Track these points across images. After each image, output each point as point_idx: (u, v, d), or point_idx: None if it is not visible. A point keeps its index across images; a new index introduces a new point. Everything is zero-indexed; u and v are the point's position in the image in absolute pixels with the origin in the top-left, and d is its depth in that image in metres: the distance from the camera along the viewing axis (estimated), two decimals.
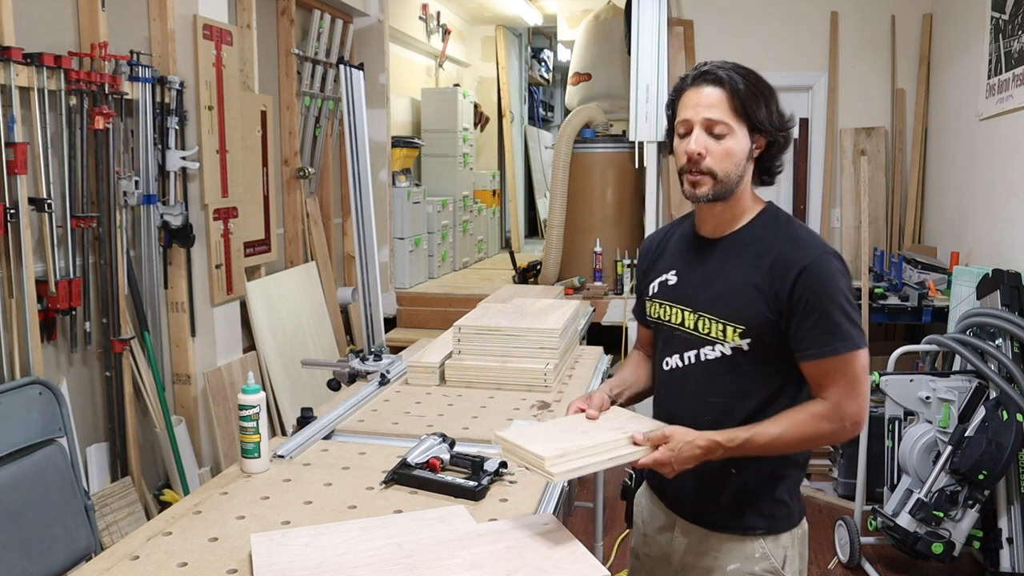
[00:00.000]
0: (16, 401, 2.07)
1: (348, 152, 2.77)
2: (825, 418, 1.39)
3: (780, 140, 1.46)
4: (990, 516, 2.87)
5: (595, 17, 5.47)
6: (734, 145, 1.41)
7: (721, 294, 1.46)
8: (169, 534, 1.44)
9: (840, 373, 1.38)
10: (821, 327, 1.38)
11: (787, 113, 1.47)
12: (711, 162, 1.42)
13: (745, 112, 1.41)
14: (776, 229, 1.46)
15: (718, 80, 1.43)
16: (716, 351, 1.46)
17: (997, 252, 3.55)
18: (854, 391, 1.39)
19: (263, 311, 3.62)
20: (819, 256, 1.40)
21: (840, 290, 1.39)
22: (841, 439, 1.44)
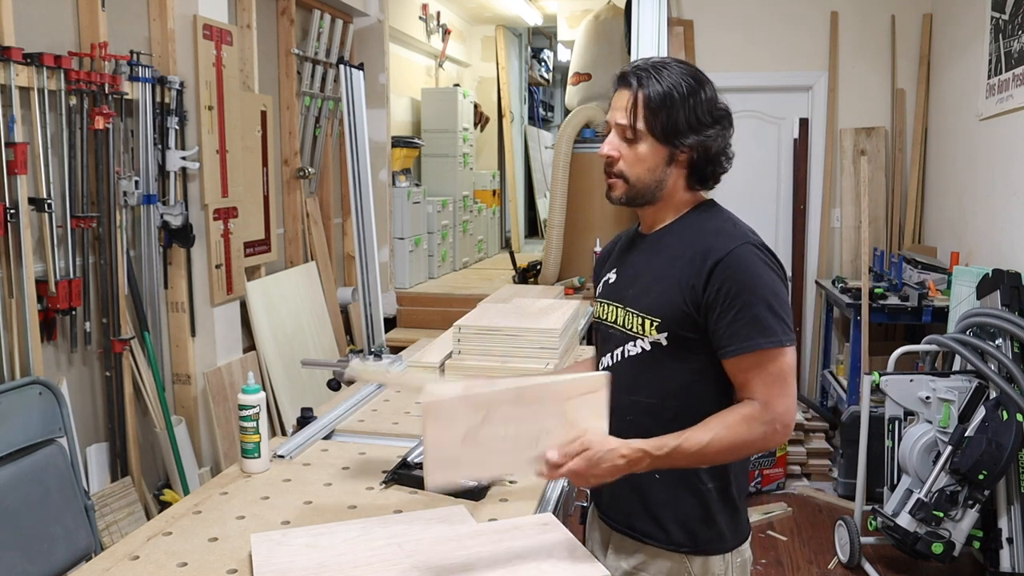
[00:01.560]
0: (16, 401, 2.07)
1: (348, 152, 2.77)
2: (756, 419, 1.29)
3: (701, 148, 1.36)
4: (990, 516, 2.87)
5: (595, 17, 5.46)
6: (645, 150, 1.36)
7: (644, 287, 1.41)
8: (169, 534, 1.44)
9: (764, 371, 1.30)
10: (742, 321, 1.30)
11: (717, 113, 1.38)
12: (622, 166, 1.38)
13: (655, 119, 1.34)
14: (703, 221, 1.40)
15: (629, 83, 1.37)
16: (637, 347, 1.41)
17: (997, 252, 3.55)
18: (780, 390, 1.30)
19: (263, 311, 3.62)
20: (738, 246, 1.32)
21: (763, 282, 1.31)
22: (772, 444, 1.33)
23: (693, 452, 1.28)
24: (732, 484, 1.42)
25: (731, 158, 1.41)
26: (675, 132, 1.35)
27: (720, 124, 1.38)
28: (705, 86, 1.37)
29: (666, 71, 1.36)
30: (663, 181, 1.38)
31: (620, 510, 1.48)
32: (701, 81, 1.38)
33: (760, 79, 4.67)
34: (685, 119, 1.34)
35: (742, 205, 4.71)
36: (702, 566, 1.40)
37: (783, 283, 1.35)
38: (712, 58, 4.69)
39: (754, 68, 4.66)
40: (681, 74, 1.36)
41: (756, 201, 4.77)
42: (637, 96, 1.35)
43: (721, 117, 1.38)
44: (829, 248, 4.70)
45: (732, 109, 1.41)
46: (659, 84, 1.35)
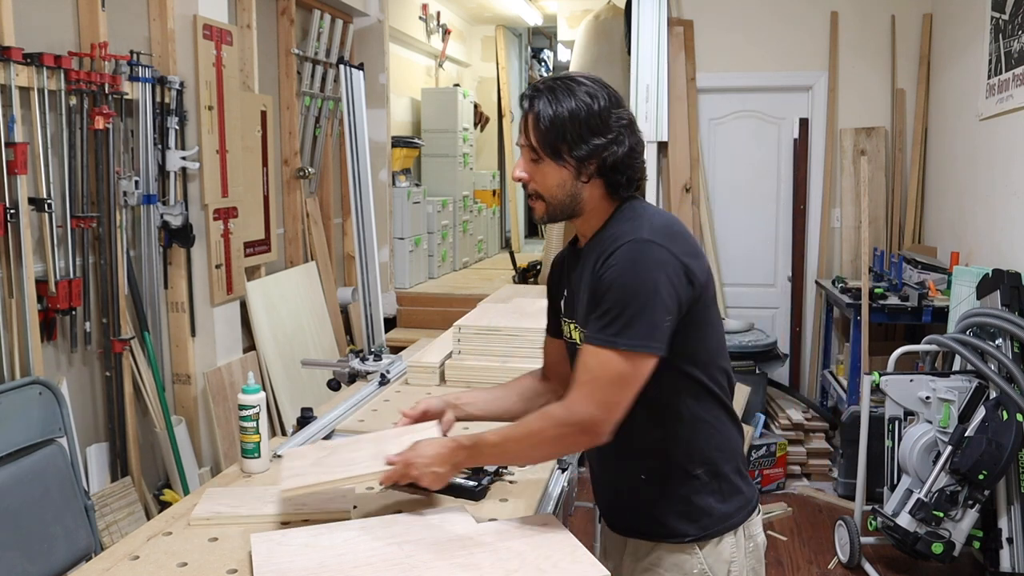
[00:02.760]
0: (16, 401, 2.07)
1: (348, 152, 2.77)
2: (552, 418, 1.30)
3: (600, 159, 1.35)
4: (990, 516, 2.87)
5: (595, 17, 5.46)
6: (549, 169, 1.37)
7: (580, 300, 1.40)
8: (169, 534, 1.44)
9: (585, 367, 1.28)
10: (598, 312, 1.29)
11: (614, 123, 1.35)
12: (535, 185, 1.39)
13: (546, 137, 1.35)
14: (616, 225, 1.38)
15: (523, 107, 1.39)
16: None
17: (997, 252, 3.55)
18: (593, 395, 1.26)
19: (263, 311, 3.62)
20: (627, 243, 1.30)
21: (634, 279, 1.26)
22: (574, 447, 1.33)
23: (494, 443, 1.34)
24: (721, 464, 1.41)
25: (642, 162, 1.41)
26: (568, 148, 1.34)
27: (617, 133, 1.35)
28: (598, 97, 1.35)
29: (560, 89, 1.35)
30: (577, 195, 1.38)
31: (622, 518, 1.50)
32: (594, 94, 1.35)
33: (760, 79, 4.66)
34: (576, 134, 1.33)
35: (742, 205, 4.75)
36: (712, 551, 1.40)
37: (672, 286, 1.27)
38: (712, 58, 4.69)
39: (754, 68, 4.66)
40: (574, 89, 1.35)
41: (756, 201, 4.77)
42: (529, 117, 1.37)
43: (618, 126, 1.36)
44: (829, 248, 4.70)
45: (732, 109, 1.42)
46: (548, 104, 1.34)
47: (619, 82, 5.23)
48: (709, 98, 4.72)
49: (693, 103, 4.67)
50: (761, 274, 4.81)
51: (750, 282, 4.82)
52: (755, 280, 4.83)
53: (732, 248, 4.78)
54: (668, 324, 1.28)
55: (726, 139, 4.76)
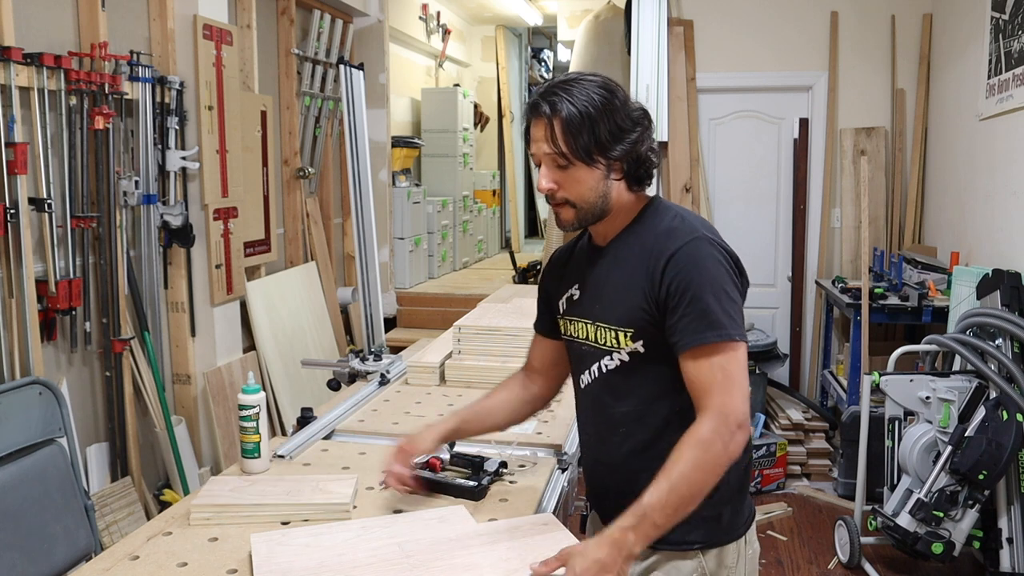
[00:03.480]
0: (16, 401, 2.07)
1: (348, 152, 2.77)
2: (710, 434, 1.24)
3: (631, 153, 1.36)
4: (990, 516, 2.87)
5: (595, 17, 5.46)
6: (581, 173, 1.34)
7: (610, 300, 1.40)
8: (169, 534, 1.44)
9: (714, 366, 1.28)
10: (691, 315, 1.29)
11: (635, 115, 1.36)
12: (565, 192, 1.36)
13: (578, 141, 1.32)
14: (654, 223, 1.40)
15: (542, 113, 1.34)
16: (615, 360, 1.40)
17: (997, 252, 3.55)
18: (730, 387, 1.27)
19: (263, 311, 3.62)
20: (688, 242, 1.33)
21: (711, 276, 1.30)
22: (734, 451, 1.26)
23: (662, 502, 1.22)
24: (735, 473, 1.38)
25: (657, 152, 1.42)
26: (601, 148, 1.33)
27: (640, 125, 1.37)
28: (616, 93, 1.35)
29: (576, 88, 1.33)
30: (607, 195, 1.37)
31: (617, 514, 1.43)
32: (611, 89, 1.35)
33: (760, 79, 4.66)
34: (608, 132, 1.33)
35: (742, 205, 4.75)
36: (716, 558, 1.40)
37: (734, 277, 1.34)
38: (712, 58, 4.69)
39: (754, 68, 4.66)
40: (590, 88, 1.34)
41: (756, 201, 4.77)
42: (554, 123, 1.33)
43: (639, 118, 1.37)
44: (829, 248, 4.70)
45: (732, 109, 1.41)
46: (572, 105, 1.32)
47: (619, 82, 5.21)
48: (709, 98, 4.72)
49: (693, 103, 4.67)
50: (761, 274, 4.81)
51: (750, 282, 4.81)
52: (755, 280, 4.79)
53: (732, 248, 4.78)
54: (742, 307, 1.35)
55: (726, 139, 4.76)
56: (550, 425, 2.00)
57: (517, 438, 1.87)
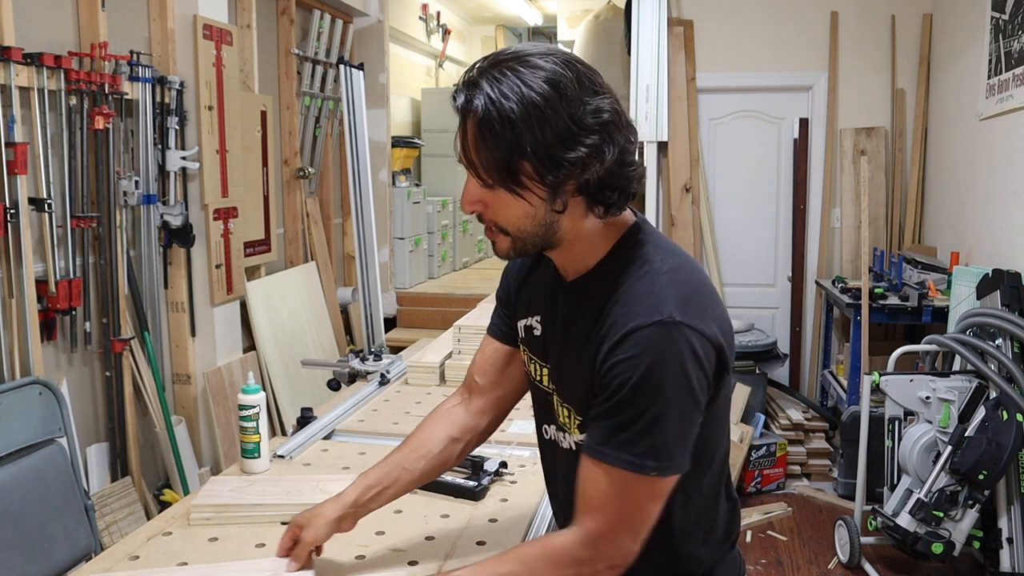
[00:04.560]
0: (16, 401, 2.07)
1: (348, 152, 2.77)
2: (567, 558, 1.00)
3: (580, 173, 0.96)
4: (990, 516, 2.87)
5: (595, 17, 5.46)
6: (508, 198, 0.99)
7: (564, 368, 1.10)
8: (169, 534, 1.44)
9: (609, 492, 0.98)
10: (609, 420, 0.98)
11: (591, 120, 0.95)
12: (494, 216, 1.02)
13: (491, 160, 0.97)
14: (622, 273, 1.03)
15: (464, 109, 0.99)
16: (567, 441, 1.13)
17: (997, 252, 3.55)
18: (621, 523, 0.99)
19: (263, 311, 3.62)
20: (647, 326, 0.96)
21: (659, 382, 0.95)
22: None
23: None
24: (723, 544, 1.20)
25: (636, 167, 1.01)
26: (531, 169, 0.95)
27: (599, 133, 0.96)
28: (564, 88, 0.94)
29: (510, 77, 0.94)
30: (552, 224, 1.01)
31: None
32: (558, 82, 0.94)
33: (760, 79, 4.66)
34: (539, 148, 0.94)
35: (742, 205, 4.75)
36: None
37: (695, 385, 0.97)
38: (712, 58, 4.69)
39: (754, 68, 4.66)
40: (530, 78, 0.94)
41: (756, 201, 4.77)
42: (467, 124, 0.98)
43: (601, 124, 0.96)
44: (829, 248, 4.70)
45: (732, 109, 1.18)
46: (492, 104, 0.94)
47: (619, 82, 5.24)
48: (709, 98, 4.72)
49: (693, 103, 4.67)
50: (761, 274, 4.81)
51: (750, 282, 4.83)
52: (755, 280, 4.83)
53: (732, 248, 4.79)
54: (698, 427, 1.01)
55: (726, 139, 4.76)
56: None
57: (517, 438, 1.87)
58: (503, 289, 1.29)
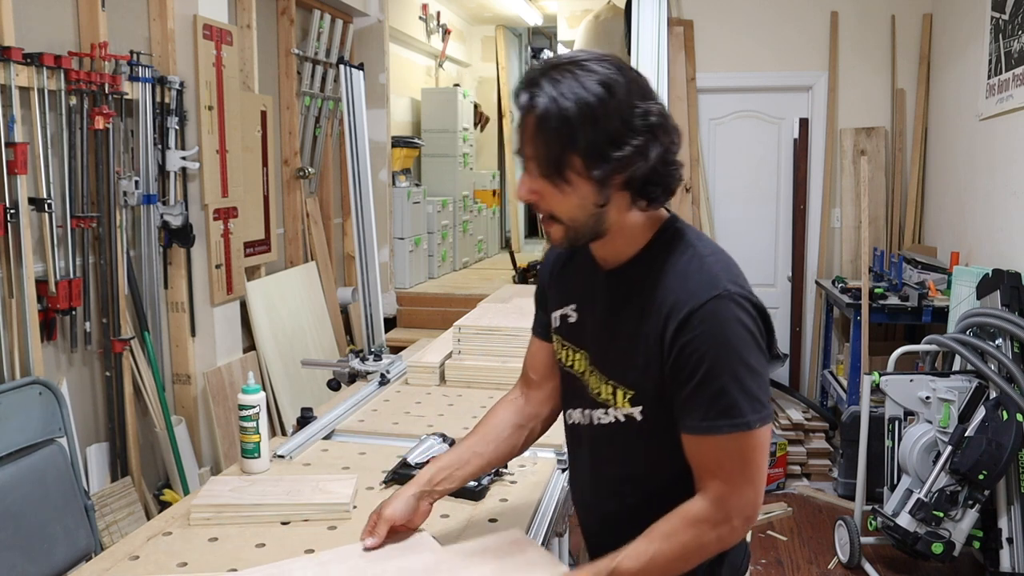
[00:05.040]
0: (16, 401, 2.07)
1: (348, 152, 2.77)
2: (705, 521, 1.09)
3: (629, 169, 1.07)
4: (990, 516, 2.87)
5: (595, 17, 5.46)
6: (563, 187, 1.09)
7: (610, 348, 1.18)
8: (169, 534, 1.44)
9: (724, 457, 1.08)
10: (703, 396, 1.07)
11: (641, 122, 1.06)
12: (548, 206, 1.12)
13: (548, 153, 1.06)
14: (670, 258, 1.14)
15: (525, 107, 1.07)
16: (609, 416, 1.20)
17: (997, 252, 3.55)
18: (742, 478, 1.09)
19: (263, 311, 3.62)
20: (708, 300, 1.07)
21: (732, 348, 1.06)
22: (730, 542, 1.12)
23: (636, 569, 1.09)
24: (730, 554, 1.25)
25: (678, 166, 1.13)
26: (583, 164, 1.06)
27: (648, 134, 1.07)
28: (615, 91, 1.04)
29: (568, 79, 1.04)
30: (600, 215, 1.11)
31: None
32: (611, 85, 1.05)
33: (760, 79, 4.66)
34: (592, 146, 1.04)
35: (742, 205, 4.74)
36: None
37: (760, 342, 1.10)
38: (712, 58, 4.69)
39: (754, 68, 4.66)
40: (586, 81, 1.04)
41: (756, 201, 4.77)
42: (527, 120, 1.07)
43: (649, 127, 1.07)
44: (829, 248, 4.70)
45: (732, 109, 1.28)
46: (554, 102, 1.03)
47: None
48: (709, 98, 4.72)
49: (693, 103, 4.67)
50: (761, 274, 4.81)
51: (750, 282, 4.78)
52: (755, 280, 4.81)
53: (732, 248, 4.68)
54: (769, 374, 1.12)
55: (726, 139, 4.76)
56: None
57: None
58: (538, 289, 1.40)
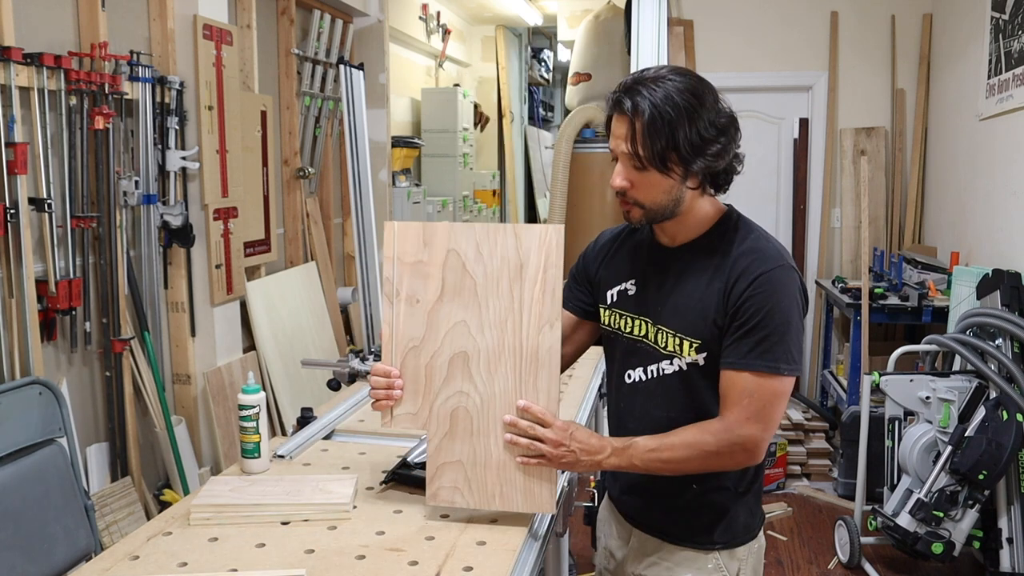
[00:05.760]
0: (16, 401, 2.07)
1: (348, 152, 2.78)
2: (711, 433, 1.32)
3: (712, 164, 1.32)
4: (990, 516, 2.87)
5: (595, 17, 5.46)
6: (656, 178, 1.32)
7: (678, 306, 1.39)
8: (169, 534, 1.44)
9: (748, 393, 1.31)
10: (750, 339, 1.31)
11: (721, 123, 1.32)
12: (636, 193, 1.35)
13: (657, 147, 1.29)
14: (735, 238, 1.39)
15: (626, 111, 1.31)
16: (674, 365, 1.40)
17: (997, 252, 3.55)
18: (756, 415, 1.31)
19: (263, 311, 3.62)
20: (775, 268, 1.33)
21: (784, 308, 1.31)
22: (730, 466, 1.37)
23: (649, 448, 1.34)
24: (759, 476, 1.48)
25: (742, 159, 1.39)
26: (680, 158, 1.30)
27: (726, 134, 1.33)
28: (704, 98, 1.30)
29: (661, 90, 1.28)
30: (680, 199, 1.36)
31: (649, 517, 1.52)
32: (699, 94, 1.30)
33: (760, 79, 4.67)
34: (688, 143, 1.29)
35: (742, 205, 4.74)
36: (729, 553, 1.46)
37: (802, 311, 1.35)
38: (712, 58, 4.69)
39: (754, 68, 4.67)
40: (678, 91, 1.29)
41: (756, 201, 4.77)
42: (635, 125, 1.29)
43: (726, 126, 1.33)
44: (829, 248, 4.70)
45: (732, 109, 1.38)
46: (655, 108, 1.27)
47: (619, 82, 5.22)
48: None
49: None
50: None
51: None
52: None
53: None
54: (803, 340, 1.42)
55: None
56: None
57: None
58: (581, 270, 1.58)
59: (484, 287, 1.39)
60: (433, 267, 1.41)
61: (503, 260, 1.38)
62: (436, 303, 1.41)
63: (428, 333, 1.42)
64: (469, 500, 1.44)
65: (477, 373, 1.41)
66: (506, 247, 1.38)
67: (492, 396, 1.40)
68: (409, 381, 1.43)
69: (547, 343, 1.38)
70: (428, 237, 1.41)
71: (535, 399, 1.38)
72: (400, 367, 1.43)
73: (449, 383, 1.42)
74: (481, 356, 1.40)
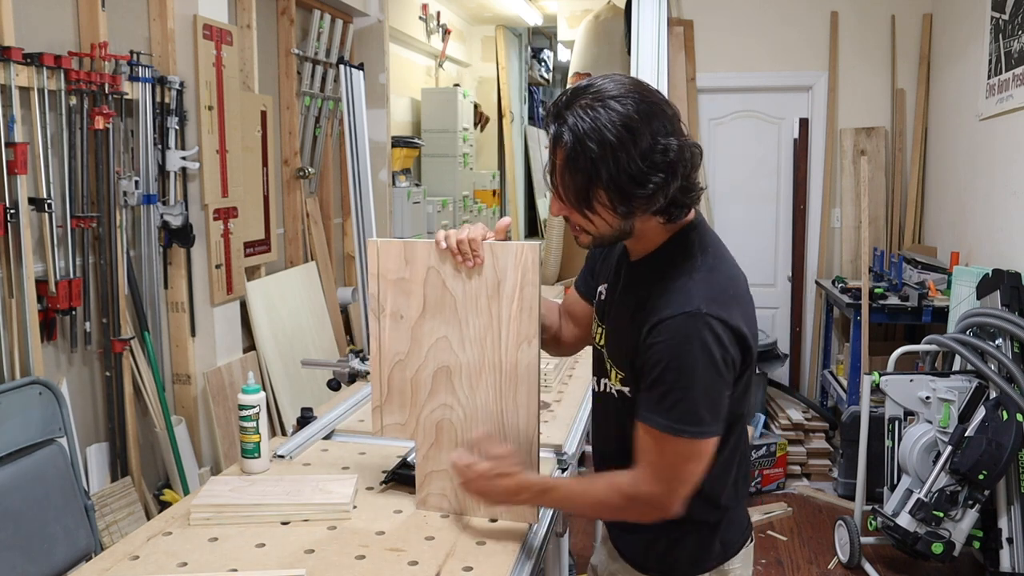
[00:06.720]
0: (16, 401, 2.07)
1: (348, 152, 2.78)
2: (618, 491, 1.25)
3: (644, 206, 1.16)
4: (990, 516, 2.87)
5: (595, 17, 5.46)
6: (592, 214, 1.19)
7: (615, 330, 1.33)
8: (169, 534, 1.44)
9: (652, 450, 1.20)
10: (652, 391, 1.19)
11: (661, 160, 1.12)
12: (578, 222, 1.23)
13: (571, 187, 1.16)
14: (670, 263, 1.25)
15: (554, 138, 1.16)
16: (610, 388, 1.36)
17: (997, 252, 3.55)
18: (660, 475, 1.20)
19: (263, 311, 3.62)
20: (678, 315, 1.16)
21: (686, 363, 1.14)
22: (641, 519, 1.27)
23: (561, 498, 1.33)
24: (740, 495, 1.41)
25: (696, 189, 1.22)
26: (610, 196, 1.14)
27: (667, 170, 1.14)
28: (639, 132, 1.11)
29: (589, 119, 1.11)
30: (627, 229, 1.22)
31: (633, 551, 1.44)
32: (633, 127, 1.11)
33: (760, 79, 4.67)
34: (613, 182, 1.12)
35: (742, 205, 4.75)
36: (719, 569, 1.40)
37: (720, 365, 1.17)
38: (712, 58, 4.69)
39: (754, 68, 4.66)
40: (610, 121, 1.10)
41: (756, 201, 4.77)
42: (556, 155, 1.16)
43: (668, 162, 1.13)
44: (829, 248, 4.70)
45: (732, 109, 1.36)
46: (578, 144, 1.11)
47: None
48: (709, 98, 4.72)
49: (693, 103, 4.67)
50: (761, 274, 4.81)
51: (750, 282, 4.73)
52: (755, 280, 4.82)
53: (732, 248, 4.66)
54: (727, 397, 1.21)
55: (726, 139, 4.76)
56: (550, 425, 2.00)
57: None
58: (592, 258, 1.53)
59: (464, 304, 1.41)
60: (415, 284, 1.44)
61: (480, 278, 1.40)
62: (419, 319, 1.45)
63: (412, 348, 1.46)
64: (456, 507, 1.50)
65: (460, 387, 1.45)
66: (483, 265, 1.39)
67: (475, 409, 1.44)
68: (396, 393, 1.48)
69: (525, 360, 1.40)
70: (409, 255, 1.45)
71: (515, 414, 1.42)
72: (388, 380, 1.48)
73: (434, 396, 1.46)
74: (463, 371, 1.43)
